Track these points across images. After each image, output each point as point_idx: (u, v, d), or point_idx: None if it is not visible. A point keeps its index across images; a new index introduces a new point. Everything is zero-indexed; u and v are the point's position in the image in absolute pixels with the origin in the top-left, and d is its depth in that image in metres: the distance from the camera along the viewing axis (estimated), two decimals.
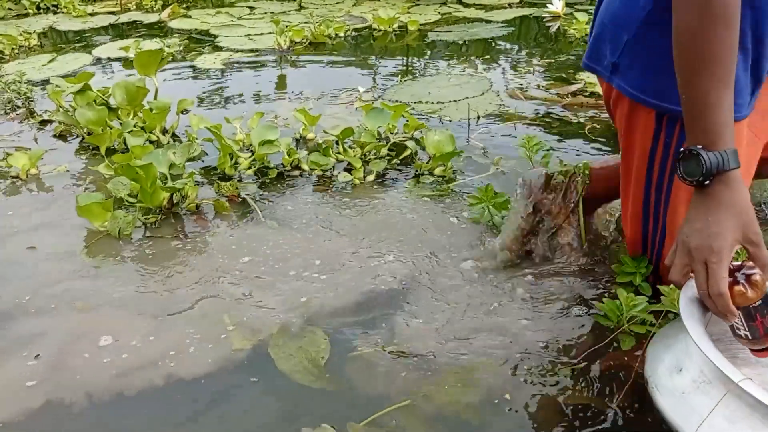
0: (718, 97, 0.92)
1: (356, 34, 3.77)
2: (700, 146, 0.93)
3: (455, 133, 2.28)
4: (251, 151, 2.11)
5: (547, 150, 1.82)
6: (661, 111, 1.12)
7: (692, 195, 0.98)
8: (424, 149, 2.10)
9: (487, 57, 3.26)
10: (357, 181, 1.99)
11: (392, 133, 2.22)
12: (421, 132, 2.21)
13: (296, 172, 2.05)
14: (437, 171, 2.02)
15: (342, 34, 3.69)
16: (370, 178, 2.01)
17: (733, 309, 0.91)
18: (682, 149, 0.96)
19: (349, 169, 2.04)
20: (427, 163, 2.04)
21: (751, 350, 0.99)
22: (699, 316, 0.96)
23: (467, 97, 2.65)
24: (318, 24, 3.71)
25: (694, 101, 0.94)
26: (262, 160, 2.08)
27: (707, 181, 0.93)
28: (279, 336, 1.30)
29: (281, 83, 2.96)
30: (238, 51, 3.46)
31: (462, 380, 1.17)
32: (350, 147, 2.13)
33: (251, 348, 1.27)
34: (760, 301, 0.92)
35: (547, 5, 4.08)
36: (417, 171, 2.03)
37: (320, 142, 2.16)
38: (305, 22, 3.94)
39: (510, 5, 4.34)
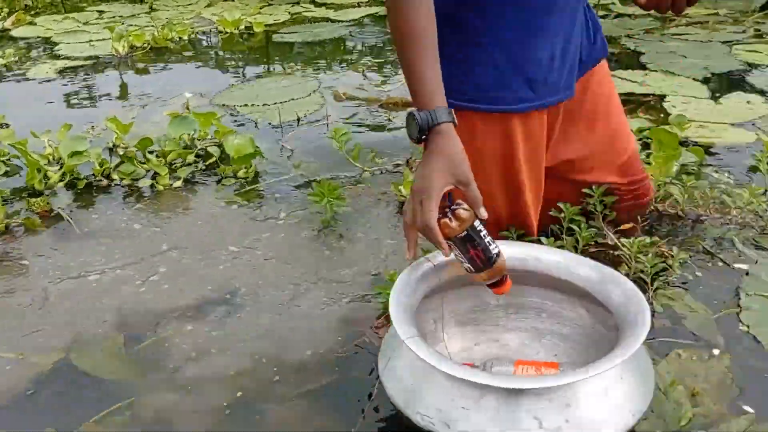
0: (422, 68, 1.10)
1: (201, 37, 3.79)
2: (416, 109, 1.09)
3: (272, 137, 2.38)
4: (62, 164, 2.13)
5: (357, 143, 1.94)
6: None
7: None
8: None
9: (325, 57, 3.37)
10: (161, 188, 2.05)
11: (200, 140, 2.28)
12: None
13: (105, 182, 2.09)
14: (240, 173, 2.11)
15: (186, 38, 3.70)
16: (177, 184, 2.08)
17: (442, 240, 1.05)
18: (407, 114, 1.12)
19: (156, 177, 2.09)
20: (230, 166, 2.13)
21: (488, 286, 1.11)
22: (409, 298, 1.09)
23: (293, 99, 2.74)
24: (161, 27, 3.71)
25: (405, 71, 1.12)
26: (72, 172, 2.10)
27: (424, 136, 1.08)
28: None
29: (113, 91, 2.97)
30: (76, 58, 3.41)
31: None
32: (156, 155, 2.18)
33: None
34: (466, 232, 1.04)
35: None
36: (221, 175, 2.12)
37: (127, 151, 2.20)
38: (149, 26, 3.92)
39: (359, 4, 4.46)
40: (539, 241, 1.49)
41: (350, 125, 2.46)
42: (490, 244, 1.07)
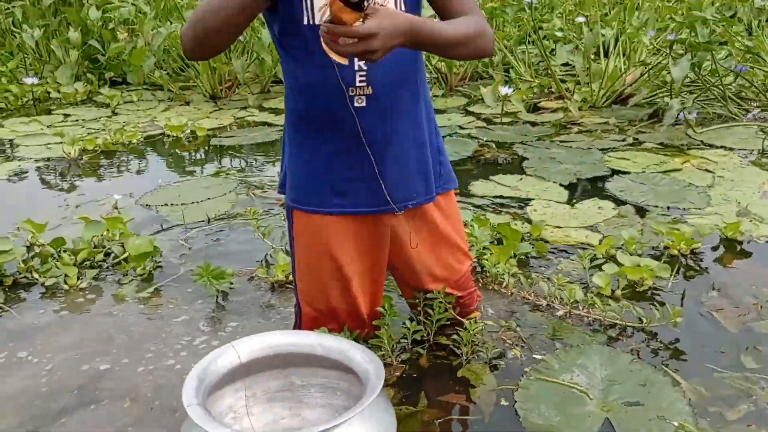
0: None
1: (149, 140, 4.20)
2: None
3: (179, 235, 2.72)
4: None
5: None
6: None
7: None
8: None
9: (253, 159, 3.76)
10: (67, 287, 2.36)
11: (109, 240, 2.63)
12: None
13: (26, 280, 2.41)
14: (138, 271, 2.44)
15: (135, 141, 4.11)
16: (83, 284, 2.39)
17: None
18: None
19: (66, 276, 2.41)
20: (128, 264, 2.46)
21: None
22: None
23: (209, 198, 3.10)
24: (114, 132, 4.12)
25: (220, 15, 1.35)
26: None
27: None
28: None
29: (54, 192, 3.33)
30: (29, 160, 3.80)
31: None
32: (69, 254, 2.51)
33: None
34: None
35: None
36: (121, 272, 2.45)
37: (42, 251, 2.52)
38: (101, 130, 4.34)
39: None
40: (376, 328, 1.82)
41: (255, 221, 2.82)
42: None
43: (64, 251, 2.53)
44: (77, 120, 4.72)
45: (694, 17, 3.63)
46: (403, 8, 1.52)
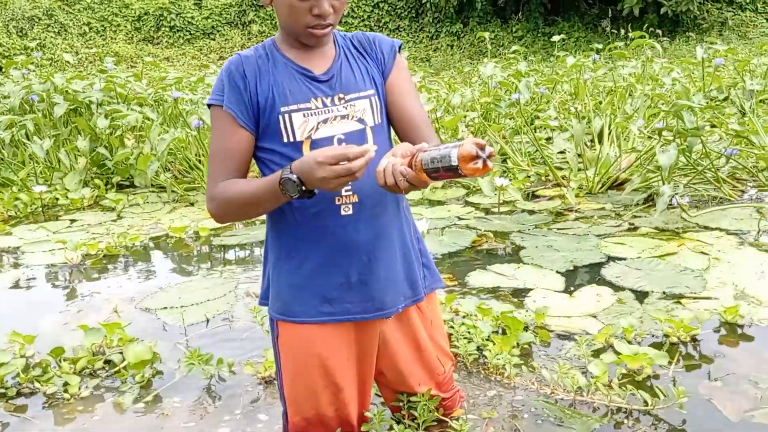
0: (255, 190, 1.50)
1: (153, 243, 4.27)
2: (280, 190, 1.44)
3: (179, 338, 2.73)
4: None
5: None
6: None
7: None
8: None
9: (252, 260, 3.80)
10: (68, 397, 2.34)
11: (109, 347, 2.63)
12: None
13: (28, 390, 2.39)
14: (137, 378, 2.43)
15: (137, 244, 4.18)
16: (86, 394, 2.38)
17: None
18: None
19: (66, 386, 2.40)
20: (127, 371, 2.46)
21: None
22: None
23: (208, 300, 3.12)
24: (117, 236, 4.20)
25: (257, 205, 1.54)
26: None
27: (300, 183, 1.41)
28: None
29: (54, 299, 3.36)
30: (35, 266, 3.86)
31: None
32: (69, 363, 2.51)
33: None
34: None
35: None
36: (121, 380, 2.44)
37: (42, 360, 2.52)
38: (105, 234, 4.42)
39: None
40: None
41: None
42: (444, 154, 1.25)
43: (64, 360, 2.53)
44: (83, 225, 4.82)
45: (679, 105, 3.74)
46: (378, 118, 1.61)
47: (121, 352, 2.57)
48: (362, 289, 1.62)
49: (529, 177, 4.82)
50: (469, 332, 2.42)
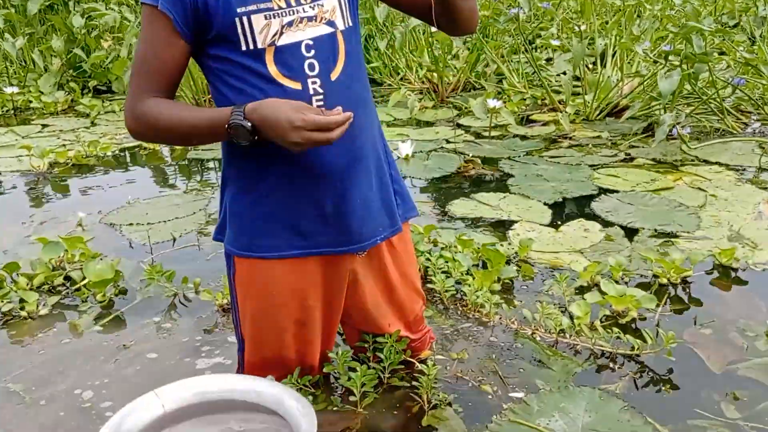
0: (192, 117, 1.34)
1: (125, 154, 4.06)
2: (226, 127, 1.27)
3: (143, 257, 2.58)
4: None
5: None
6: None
7: None
8: None
9: None
10: (25, 315, 2.21)
11: (69, 263, 2.48)
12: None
13: None
14: (98, 297, 2.29)
15: (109, 154, 3.97)
16: (44, 311, 2.25)
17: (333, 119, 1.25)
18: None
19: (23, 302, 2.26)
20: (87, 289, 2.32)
21: None
22: None
23: (176, 218, 2.96)
24: (87, 144, 3.99)
25: (190, 135, 1.38)
26: None
27: (250, 126, 1.26)
28: None
29: (16, 209, 3.19)
30: None
31: None
32: (25, 279, 2.36)
33: None
34: None
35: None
36: (81, 299, 2.30)
37: None
38: (75, 142, 4.21)
39: None
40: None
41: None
42: None
43: (21, 275, 2.38)
44: (54, 131, 4.59)
45: (689, 28, 3.48)
46: (349, 20, 1.41)
47: (81, 269, 2.42)
48: (337, 220, 1.46)
49: (524, 100, 4.58)
50: (447, 265, 2.28)
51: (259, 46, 1.31)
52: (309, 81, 1.34)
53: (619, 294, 2.12)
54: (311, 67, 1.34)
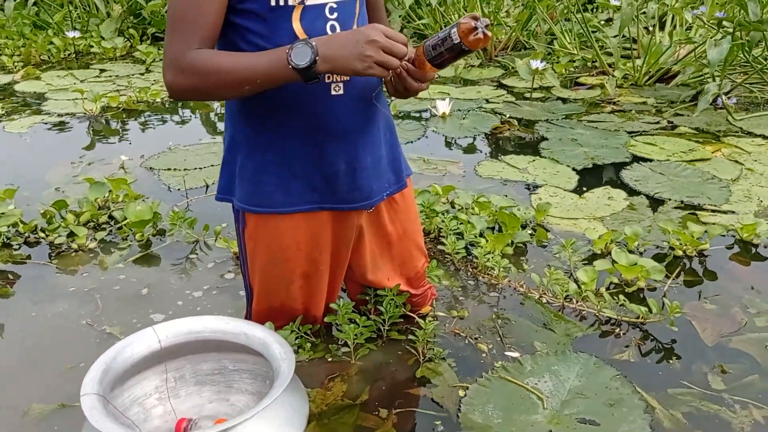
0: (253, 61, 1.30)
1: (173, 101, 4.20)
2: (288, 57, 1.26)
3: (178, 201, 2.71)
4: None
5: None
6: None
7: None
8: None
9: None
10: (75, 246, 2.38)
11: (114, 203, 2.63)
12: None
13: (33, 239, 2.43)
14: (137, 236, 2.44)
15: (159, 100, 4.12)
16: (92, 245, 2.41)
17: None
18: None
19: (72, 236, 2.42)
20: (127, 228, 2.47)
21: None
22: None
23: (212, 165, 3.08)
24: (138, 90, 4.14)
25: (253, 78, 1.30)
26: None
27: (314, 54, 1.26)
28: None
29: (68, 149, 3.37)
30: (54, 114, 3.86)
31: None
32: (73, 216, 2.52)
33: None
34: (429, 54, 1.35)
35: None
36: (122, 237, 2.45)
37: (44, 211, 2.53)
38: (128, 87, 4.37)
39: None
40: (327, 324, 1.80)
41: None
42: (444, 36, 1.30)
43: (69, 212, 2.54)
44: (110, 76, 4.77)
45: None
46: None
47: (123, 209, 2.57)
48: (349, 177, 1.53)
49: (573, 62, 4.49)
50: (460, 226, 2.32)
51: (290, 2, 1.35)
52: None
53: (630, 263, 2.12)
54: (332, 28, 1.40)
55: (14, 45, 5.34)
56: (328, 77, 1.41)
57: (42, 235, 2.43)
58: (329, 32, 1.39)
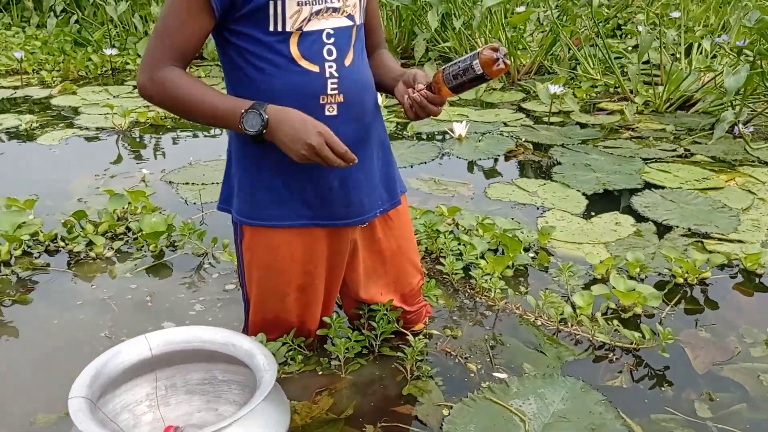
0: (214, 101, 1.42)
1: None
2: (241, 116, 1.39)
3: (194, 214, 2.80)
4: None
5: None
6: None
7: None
8: None
9: None
10: (93, 255, 2.47)
11: (132, 214, 2.73)
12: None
13: (53, 247, 2.54)
14: (151, 247, 2.53)
15: None
16: (109, 254, 2.51)
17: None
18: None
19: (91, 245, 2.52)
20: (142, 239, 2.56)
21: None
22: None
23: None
24: None
25: (206, 116, 1.44)
26: (21, 243, 2.50)
27: (263, 123, 1.39)
28: None
29: (93, 162, 3.50)
30: (85, 128, 4.01)
31: None
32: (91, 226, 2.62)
33: None
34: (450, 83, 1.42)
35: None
36: (137, 248, 2.54)
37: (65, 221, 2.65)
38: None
39: None
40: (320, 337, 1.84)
41: None
42: (465, 67, 1.38)
43: (88, 222, 2.64)
44: None
45: (764, 23, 3.32)
46: (362, 17, 1.56)
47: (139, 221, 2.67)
48: (342, 194, 1.59)
49: (594, 87, 4.50)
50: (460, 247, 2.35)
51: (288, 29, 1.41)
52: (326, 65, 1.46)
53: (628, 289, 2.13)
54: (329, 52, 1.46)
55: (54, 60, 5.56)
56: (323, 98, 1.48)
57: (62, 243, 2.54)
58: (326, 57, 1.45)
